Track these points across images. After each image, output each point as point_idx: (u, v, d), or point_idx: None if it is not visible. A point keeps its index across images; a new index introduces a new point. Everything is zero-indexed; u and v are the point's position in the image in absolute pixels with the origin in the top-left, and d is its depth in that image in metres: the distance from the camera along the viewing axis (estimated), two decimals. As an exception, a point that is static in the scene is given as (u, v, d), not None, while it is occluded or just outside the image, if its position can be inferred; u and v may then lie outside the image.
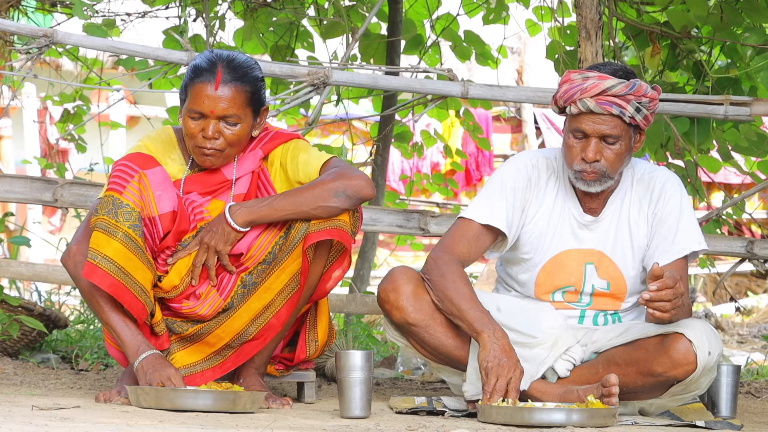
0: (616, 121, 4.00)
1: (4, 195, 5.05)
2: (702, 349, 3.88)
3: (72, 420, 3.32)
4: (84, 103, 6.98)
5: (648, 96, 4.01)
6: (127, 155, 4.02)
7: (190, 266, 4.00)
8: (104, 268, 3.83)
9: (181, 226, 4.00)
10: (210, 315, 4.03)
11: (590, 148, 4.01)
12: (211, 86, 3.95)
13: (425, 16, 7.15)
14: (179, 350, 4.07)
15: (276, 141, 4.13)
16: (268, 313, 4.04)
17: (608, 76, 4.00)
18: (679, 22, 5.68)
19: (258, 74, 4.05)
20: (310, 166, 4.05)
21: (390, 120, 7.17)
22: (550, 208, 4.19)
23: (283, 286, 4.02)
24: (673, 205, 4.16)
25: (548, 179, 4.21)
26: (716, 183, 6.86)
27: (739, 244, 5.48)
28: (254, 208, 3.98)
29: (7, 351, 5.29)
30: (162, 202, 3.95)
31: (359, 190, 3.99)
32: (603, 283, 4.17)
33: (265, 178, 4.11)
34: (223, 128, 3.98)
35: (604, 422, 3.74)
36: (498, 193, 4.17)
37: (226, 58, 4.00)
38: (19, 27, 4.91)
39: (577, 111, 4.01)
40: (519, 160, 4.24)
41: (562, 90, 4.06)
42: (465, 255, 4.13)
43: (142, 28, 6.94)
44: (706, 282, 12.98)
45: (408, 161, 13.56)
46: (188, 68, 4.04)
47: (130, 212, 3.88)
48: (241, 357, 4.07)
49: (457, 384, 4.18)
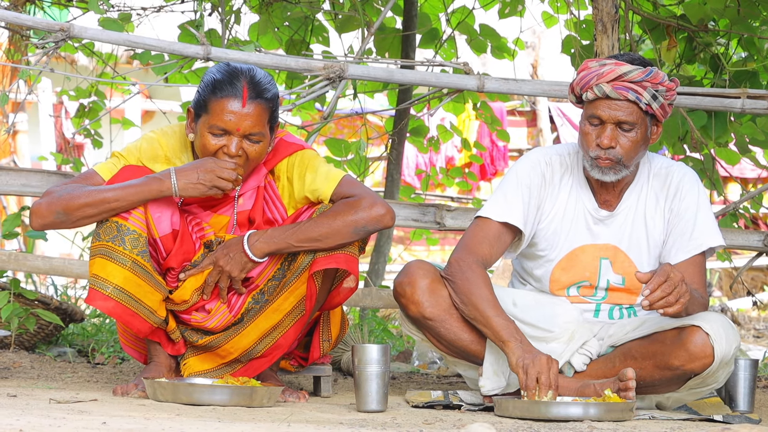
0: (633, 107, 3.99)
1: (21, 189, 5.06)
2: (719, 342, 3.87)
3: (89, 413, 3.32)
4: (99, 98, 6.98)
5: (665, 84, 4.00)
6: (123, 171, 3.92)
7: (201, 282, 3.98)
8: (114, 297, 3.81)
9: (185, 246, 3.95)
10: (218, 329, 4.01)
11: (606, 135, 4.00)
12: (237, 102, 3.87)
13: (440, 9, 7.15)
14: (192, 356, 4.06)
15: (281, 154, 4.06)
16: (276, 333, 4.03)
17: (625, 63, 4.00)
18: (695, 15, 5.67)
19: (276, 91, 3.98)
20: (320, 186, 3.99)
21: (405, 114, 7.16)
22: (564, 204, 4.18)
23: (291, 308, 4.01)
24: (690, 200, 4.14)
25: (562, 176, 4.20)
26: (732, 176, 6.83)
27: (756, 237, 5.46)
28: (272, 242, 3.92)
29: (24, 345, 5.30)
30: (161, 224, 3.90)
31: (379, 222, 3.95)
32: (618, 278, 4.16)
33: (272, 192, 4.06)
34: (246, 146, 3.91)
35: (621, 416, 3.73)
36: (514, 191, 4.15)
37: (248, 73, 3.91)
38: (36, 21, 4.91)
39: (594, 96, 4.00)
40: (533, 157, 4.23)
41: (579, 77, 4.06)
42: (487, 256, 4.11)
43: (157, 22, 6.94)
44: (722, 276, 12.95)
45: (423, 156, 13.56)
46: (205, 82, 3.94)
47: (137, 238, 3.85)
48: (249, 372, 4.06)
49: (474, 378, 4.17)
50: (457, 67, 5.15)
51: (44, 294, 5.38)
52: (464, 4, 7.10)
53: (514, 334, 3.90)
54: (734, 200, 5.93)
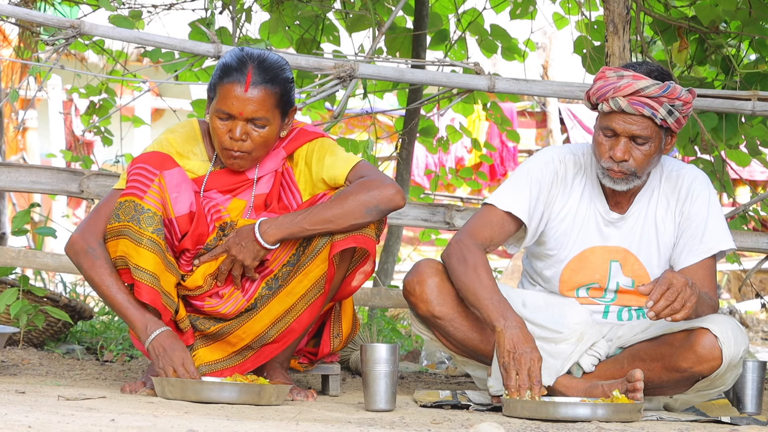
0: (647, 122, 3.97)
1: (30, 185, 5.06)
2: (727, 345, 3.87)
3: (98, 410, 3.32)
4: (109, 96, 6.99)
5: (682, 99, 3.97)
6: (144, 154, 3.98)
7: (214, 268, 3.98)
8: (145, 282, 3.84)
9: (199, 228, 3.96)
10: (232, 314, 4.01)
11: (619, 147, 3.98)
12: (241, 87, 3.91)
13: (451, 10, 7.14)
14: (202, 347, 4.06)
15: (300, 140, 4.09)
16: (289, 317, 4.02)
17: (643, 77, 3.96)
18: (707, 17, 5.66)
19: (288, 75, 4.00)
20: (337, 169, 4.01)
21: (415, 114, 7.16)
22: (576, 205, 4.17)
23: (305, 291, 4.00)
24: (701, 203, 4.14)
25: (575, 176, 4.19)
26: (742, 179, 6.82)
27: (765, 240, 5.44)
28: (284, 227, 3.92)
29: (33, 341, 5.30)
30: (178, 205, 3.92)
31: (390, 202, 3.94)
32: (627, 280, 4.16)
33: (289, 178, 4.08)
34: (251, 130, 3.94)
35: (629, 417, 3.73)
36: (523, 183, 4.15)
37: (257, 58, 3.95)
38: (47, 18, 4.92)
39: (609, 109, 3.98)
40: (547, 154, 4.22)
41: (596, 87, 4.03)
42: (488, 240, 4.10)
43: (167, 20, 6.95)
44: (731, 279, 12.93)
45: (432, 156, 13.56)
46: (217, 66, 3.99)
47: (152, 216, 3.86)
48: (260, 358, 4.06)
49: (482, 378, 4.17)
50: (467, 67, 5.14)
51: (53, 291, 5.39)
52: (475, 5, 7.09)
53: (502, 315, 3.86)
54: (743, 202, 5.91)
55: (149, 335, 3.85)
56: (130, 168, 3.95)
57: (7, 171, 5.07)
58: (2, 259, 5.14)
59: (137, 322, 3.88)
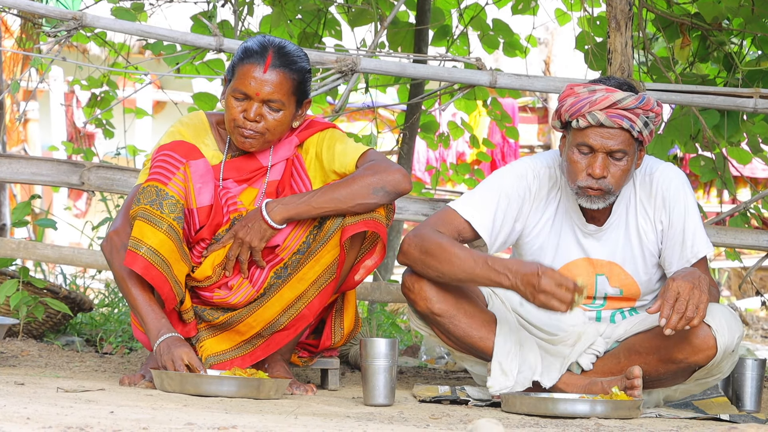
0: (625, 135, 3.92)
1: (31, 177, 5.06)
2: (722, 333, 3.87)
3: (97, 402, 3.32)
4: (111, 88, 6.99)
5: (654, 111, 3.95)
6: (171, 143, 3.98)
7: (223, 258, 3.99)
8: (148, 258, 3.83)
9: (216, 219, 3.99)
10: (241, 304, 4.02)
11: (597, 164, 3.93)
12: (260, 68, 3.95)
13: (453, 5, 7.13)
14: (208, 338, 4.06)
15: (312, 129, 4.12)
16: (301, 303, 4.03)
17: (615, 89, 3.94)
18: (709, 14, 5.65)
19: (306, 66, 4.05)
20: (347, 157, 4.03)
21: (416, 109, 7.15)
22: (551, 219, 4.13)
23: (316, 277, 4.01)
24: (679, 210, 4.07)
25: (549, 190, 4.13)
26: (743, 176, 6.82)
27: (766, 238, 5.44)
28: (291, 206, 3.95)
29: (32, 333, 5.30)
30: (201, 195, 3.95)
31: (397, 185, 3.96)
32: (615, 290, 4.14)
33: (299, 165, 4.10)
34: (265, 112, 3.98)
35: (629, 414, 3.73)
36: (491, 196, 4.09)
37: (278, 44, 4.00)
38: (48, 9, 4.91)
39: (586, 124, 3.93)
40: (521, 167, 4.14)
41: (568, 103, 3.96)
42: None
43: (169, 12, 6.94)
44: (731, 276, 12.93)
45: (433, 152, 13.55)
46: (238, 49, 4.04)
47: (175, 204, 3.88)
48: (271, 346, 4.07)
49: (481, 374, 4.17)
50: (469, 62, 5.13)
51: (53, 283, 5.39)
52: (477, 0, 7.08)
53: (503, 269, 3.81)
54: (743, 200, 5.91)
55: (160, 337, 3.87)
56: (155, 154, 3.97)
57: (8, 162, 5.07)
58: (2, 251, 5.15)
59: (151, 325, 3.90)
